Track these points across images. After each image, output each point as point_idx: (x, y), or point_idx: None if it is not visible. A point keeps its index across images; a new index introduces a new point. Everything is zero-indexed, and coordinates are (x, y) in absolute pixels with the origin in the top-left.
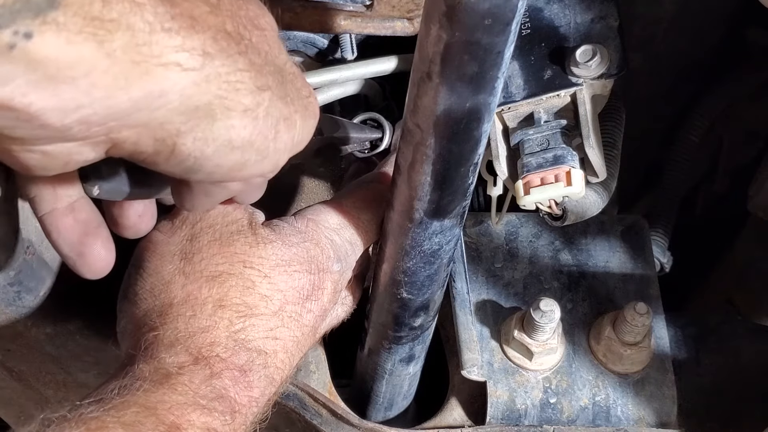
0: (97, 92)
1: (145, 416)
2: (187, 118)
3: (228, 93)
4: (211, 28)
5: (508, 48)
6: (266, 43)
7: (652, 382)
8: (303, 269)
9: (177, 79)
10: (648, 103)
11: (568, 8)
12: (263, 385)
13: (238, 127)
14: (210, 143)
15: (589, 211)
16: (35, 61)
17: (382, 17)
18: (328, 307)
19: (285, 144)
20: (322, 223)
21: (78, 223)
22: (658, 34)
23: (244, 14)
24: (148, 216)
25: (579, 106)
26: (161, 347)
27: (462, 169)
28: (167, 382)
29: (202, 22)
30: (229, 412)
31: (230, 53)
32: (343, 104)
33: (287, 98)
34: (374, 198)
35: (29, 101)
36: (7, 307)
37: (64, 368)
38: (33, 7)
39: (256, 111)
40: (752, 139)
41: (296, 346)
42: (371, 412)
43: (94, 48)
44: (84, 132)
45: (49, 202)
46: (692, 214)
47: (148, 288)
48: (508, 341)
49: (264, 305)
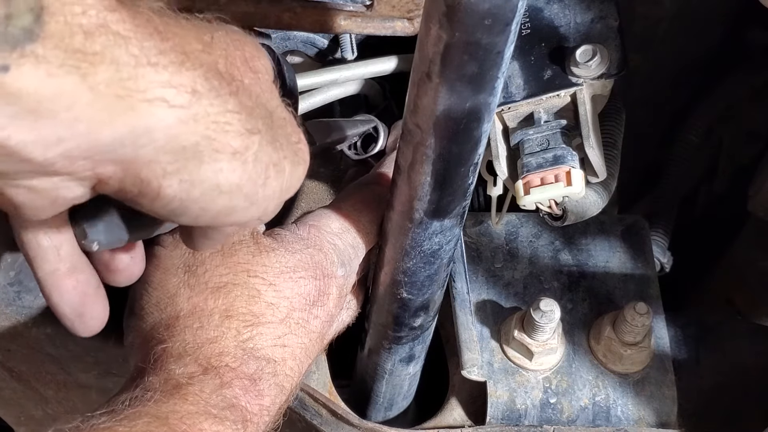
0: (80, 126)
1: (156, 426)
2: (173, 158)
3: (216, 134)
4: (202, 65)
5: (508, 48)
6: (259, 86)
7: (652, 382)
8: (308, 275)
9: (163, 115)
10: (648, 103)
11: (568, 8)
12: (273, 394)
13: (226, 171)
14: (197, 186)
15: (589, 211)
16: (12, 95)
17: (382, 17)
18: (335, 313)
19: (274, 191)
20: (324, 228)
21: (79, 284)
22: (658, 34)
23: (239, 55)
24: (138, 258)
25: (579, 106)
26: (170, 359)
27: (462, 169)
28: (178, 393)
29: (193, 59)
30: (240, 421)
31: (220, 93)
32: (343, 104)
33: (277, 143)
34: (373, 200)
35: (7, 134)
36: (7, 307)
37: (65, 368)
38: (10, 40)
39: (245, 155)
40: (752, 139)
41: (304, 352)
42: (371, 412)
43: (76, 81)
44: (68, 167)
45: (51, 263)
46: (692, 214)
47: (154, 302)
48: (508, 341)
49: (271, 313)
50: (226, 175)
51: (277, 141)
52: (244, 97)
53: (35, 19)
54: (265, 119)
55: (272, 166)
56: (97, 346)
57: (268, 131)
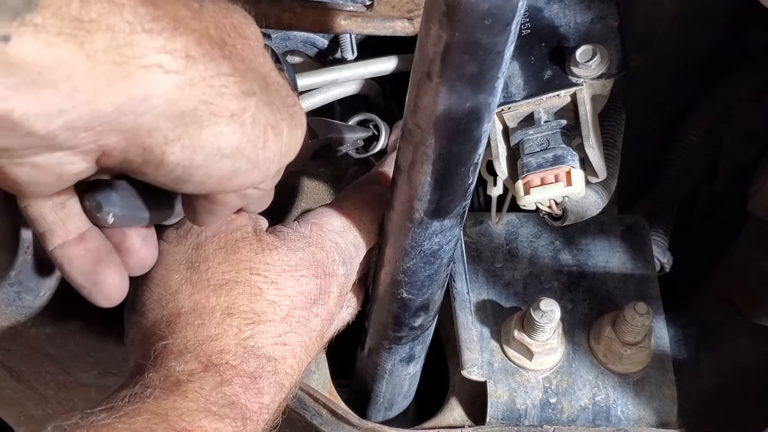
0: (79, 96)
1: (156, 423)
2: (173, 125)
3: (213, 98)
4: (195, 31)
5: (508, 48)
6: (251, 51)
7: (652, 382)
8: (309, 274)
9: (160, 81)
10: (648, 103)
11: (568, 8)
12: (273, 392)
13: (226, 134)
14: (199, 151)
15: (589, 211)
16: (14, 65)
17: (382, 17)
18: (335, 311)
19: (274, 153)
20: (326, 226)
21: (89, 251)
22: (658, 34)
23: (228, 22)
24: (151, 244)
25: (579, 106)
26: (170, 356)
27: (462, 169)
28: (178, 390)
29: (185, 25)
30: (240, 419)
31: (214, 57)
32: (343, 104)
33: (273, 105)
34: (374, 199)
35: (10, 107)
36: (7, 307)
37: (65, 368)
38: (9, 9)
39: (243, 117)
40: (752, 139)
41: (305, 351)
42: (371, 412)
43: (74, 50)
44: (71, 139)
45: (60, 236)
46: (692, 214)
47: (156, 298)
48: (508, 341)
49: (272, 311)
50: (227, 138)
51: (273, 104)
52: (237, 61)
53: None
54: (260, 82)
55: (270, 128)
56: (97, 346)
57: (263, 93)
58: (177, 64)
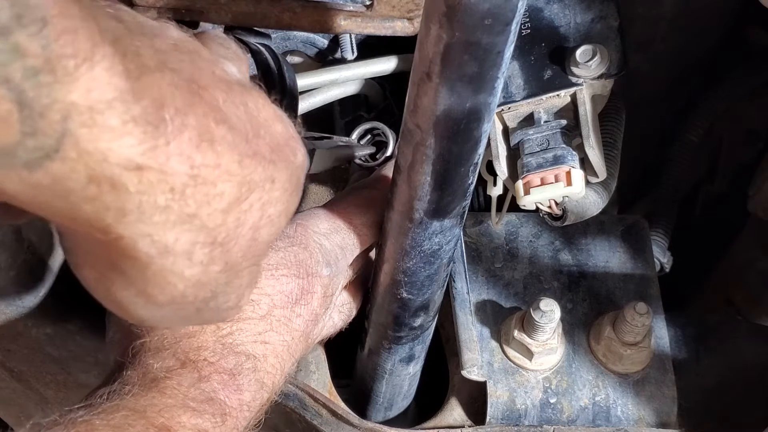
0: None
1: (134, 419)
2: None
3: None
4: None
5: (508, 48)
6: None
7: (652, 382)
8: (291, 273)
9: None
10: (648, 103)
11: (568, 8)
12: (254, 389)
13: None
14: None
15: (589, 211)
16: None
17: (382, 17)
18: (319, 312)
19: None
20: (311, 227)
21: None
22: (658, 34)
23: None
24: None
25: (579, 106)
26: (148, 353)
27: (462, 169)
28: (156, 387)
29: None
30: (219, 415)
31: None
32: (343, 104)
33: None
34: (367, 201)
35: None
36: (7, 307)
37: (65, 368)
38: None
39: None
40: (752, 139)
41: (287, 350)
42: (371, 412)
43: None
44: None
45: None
46: (692, 214)
47: None
48: (508, 341)
49: (251, 309)
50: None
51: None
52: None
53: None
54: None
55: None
56: (98, 346)
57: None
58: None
